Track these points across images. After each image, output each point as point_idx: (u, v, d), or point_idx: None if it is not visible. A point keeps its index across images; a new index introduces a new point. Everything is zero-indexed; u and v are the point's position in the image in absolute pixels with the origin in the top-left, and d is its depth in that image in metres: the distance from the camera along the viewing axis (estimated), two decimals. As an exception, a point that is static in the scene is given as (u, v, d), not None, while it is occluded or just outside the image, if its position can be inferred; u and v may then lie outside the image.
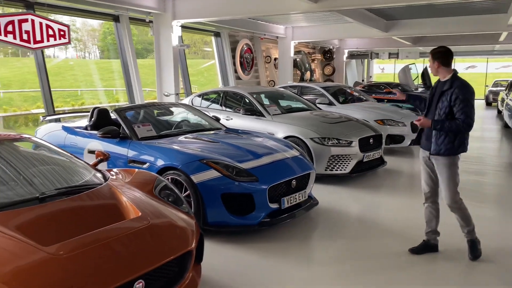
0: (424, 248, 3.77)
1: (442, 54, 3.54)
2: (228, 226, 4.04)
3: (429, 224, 3.78)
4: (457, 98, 3.39)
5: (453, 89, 3.42)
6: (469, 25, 13.08)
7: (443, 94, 3.48)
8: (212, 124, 5.68)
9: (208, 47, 23.62)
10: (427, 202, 3.77)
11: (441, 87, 3.53)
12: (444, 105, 3.45)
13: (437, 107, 3.52)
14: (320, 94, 9.44)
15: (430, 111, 3.60)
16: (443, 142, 3.48)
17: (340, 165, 6.06)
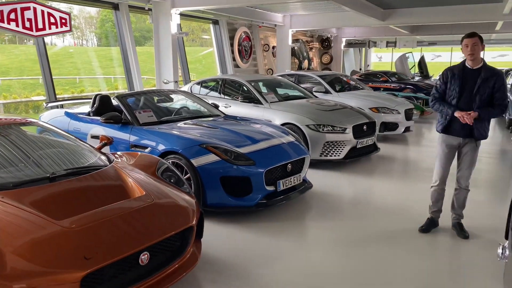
0: (431, 225, 4.01)
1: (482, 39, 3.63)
2: (226, 207, 4.25)
3: (436, 204, 3.98)
4: (502, 84, 3.58)
5: (496, 76, 3.58)
6: (465, 14, 13.19)
7: (485, 81, 3.57)
8: (211, 111, 5.86)
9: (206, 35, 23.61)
10: (439, 185, 3.93)
11: (477, 74, 3.60)
12: (487, 92, 3.58)
13: (476, 94, 3.59)
14: (317, 82, 9.60)
15: (464, 99, 3.64)
16: (485, 126, 3.71)
17: (334, 151, 6.26)
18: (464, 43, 3.65)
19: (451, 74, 3.73)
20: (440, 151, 3.88)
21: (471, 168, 3.82)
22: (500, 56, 33.97)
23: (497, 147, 8.39)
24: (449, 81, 3.74)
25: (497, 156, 7.58)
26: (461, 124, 3.66)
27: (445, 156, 3.85)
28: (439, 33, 18.94)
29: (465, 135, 3.71)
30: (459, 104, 3.67)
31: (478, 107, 3.60)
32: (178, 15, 9.90)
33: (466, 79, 3.65)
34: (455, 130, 3.74)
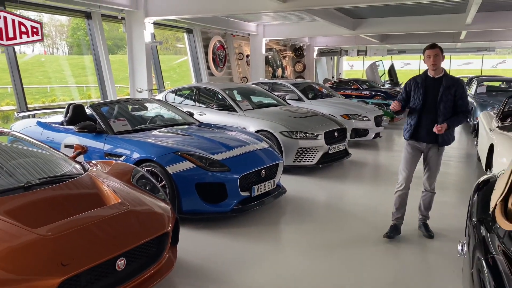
0: (394, 231, 4.06)
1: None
2: (202, 213, 4.32)
3: (400, 210, 4.05)
4: (463, 92, 3.77)
5: (456, 85, 3.77)
6: (431, 24, 13.75)
7: (447, 90, 3.75)
8: (186, 119, 5.92)
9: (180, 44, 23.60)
10: (403, 189, 4.01)
11: (439, 83, 3.78)
12: (449, 99, 3.75)
13: (439, 102, 3.76)
14: (290, 90, 9.80)
15: (428, 107, 3.81)
16: (450, 133, 3.87)
17: (307, 157, 6.42)
18: (426, 54, 3.80)
19: (415, 83, 3.90)
20: (405, 154, 4.02)
21: (436, 172, 3.99)
22: (465, 64, 35.34)
23: (462, 151, 8.75)
24: (413, 90, 3.89)
25: (463, 160, 7.91)
26: (426, 131, 3.83)
27: (410, 159, 3.98)
28: (408, 42, 19.60)
29: (430, 141, 3.87)
30: (424, 111, 3.83)
31: (443, 114, 3.77)
32: (151, 24, 9.94)
33: (429, 88, 3.82)
34: (421, 136, 3.89)
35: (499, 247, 1.99)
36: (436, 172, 4.00)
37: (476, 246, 2.23)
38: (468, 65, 35.06)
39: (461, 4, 11.41)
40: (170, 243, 3.09)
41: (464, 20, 12.15)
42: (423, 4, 11.61)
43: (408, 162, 4.00)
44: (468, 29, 13.73)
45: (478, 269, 1.90)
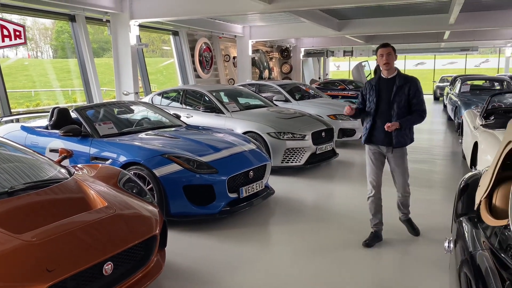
0: (374, 238, 3.94)
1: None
2: (190, 216, 4.30)
3: (376, 216, 3.94)
4: (417, 90, 3.67)
5: (410, 83, 3.68)
6: (415, 24, 13.92)
7: (400, 89, 3.66)
8: (172, 121, 5.89)
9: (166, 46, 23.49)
10: (375, 195, 3.91)
11: (392, 83, 3.70)
12: (403, 99, 3.66)
13: (393, 102, 3.67)
14: (277, 91, 9.82)
15: (382, 108, 3.73)
16: (406, 134, 3.72)
17: (295, 158, 6.44)
18: (379, 53, 3.71)
19: (369, 86, 3.83)
20: (368, 161, 3.93)
21: (403, 175, 3.84)
22: (449, 63, 35.86)
23: (448, 149, 8.87)
24: (368, 93, 3.83)
25: (448, 158, 8.02)
26: (382, 133, 3.72)
27: (373, 165, 3.87)
28: (392, 42, 19.47)
29: (387, 143, 3.75)
30: (378, 113, 3.74)
31: (397, 114, 3.67)
32: (137, 27, 9.88)
33: (382, 88, 3.73)
34: (378, 139, 3.78)
35: (485, 243, 2.01)
36: (403, 175, 3.84)
37: (462, 242, 2.26)
38: (452, 65, 35.58)
39: (444, 5, 11.58)
40: (158, 246, 3.06)
41: (447, 20, 12.32)
42: (406, 5, 11.74)
43: (372, 169, 3.89)
44: (452, 29, 13.94)
45: (464, 266, 1.92)
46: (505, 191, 2.35)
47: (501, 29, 17.33)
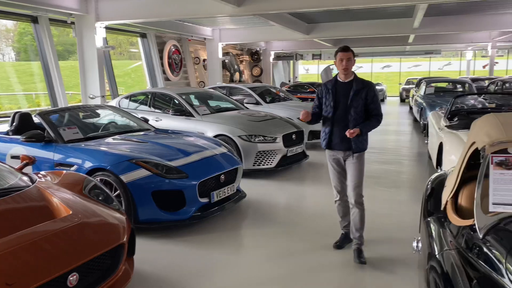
0: (345, 240, 3.91)
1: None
2: (159, 222, 4.20)
3: (344, 218, 3.89)
4: (374, 95, 3.59)
5: (367, 88, 3.58)
6: (381, 28, 14.25)
7: (358, 93, 3.55)
8: (140, 125, 5.77)
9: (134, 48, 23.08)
10: (341, 199, 3.85)
11: (349, 87, 3.58)
12: (360, 104, 3.55)
13: (350, 107, 3.55)
14: (247, 94, 9.82)
15: (339, 114, 3.59)
16: (364, 139, 3.63)
17: (266, 160, 6.44)
18: (339, 57, 3.58)
19: (325, 89, 3.68)
20: (329, 167, 3.83)
21: (358, 183, 3.66)
22: (414, 66, 36.95)
23: (414, 150, 9.10)
24: (324, 97, 3.67)
25: (415, 158, 8.22)
26: (340, 138, 3.62)
27: (335, 170, 3.79)
28: (359, 46, 20.21)
29: (345, 148, 3.64)
30: (335, 117, 3.61)
31: (355, 119, 3.57)
32: (103, 29, 9.64)
33: (339, 92, 3.61)
34: (336, 144, 3.66)
35: (451, 242, 2.05)
36: (359, 182, 3.67)
37: (430, 242, 2.30)
38: (417, 67, 36.68)
39: (409, 9, 11.91)
40: (126, 255, 2.97)
41: (412, 24, 12.68)
42: (373, 9, 12.00)
43: (335, 174, 3.80)
44: (416, 33, 14.35)
45: (432, 265, 1.95)
46: (470, 191, 2.41)
47: (462, 33, 18.01)
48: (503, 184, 1.83)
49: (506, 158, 1.86)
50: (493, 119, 2.14)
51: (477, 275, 1.64)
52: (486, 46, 20.59)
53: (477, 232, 1.81)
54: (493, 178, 1.85)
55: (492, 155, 1.91)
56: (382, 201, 5.26)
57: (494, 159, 1.89)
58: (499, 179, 1.84)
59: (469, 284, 1.60)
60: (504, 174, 1.84)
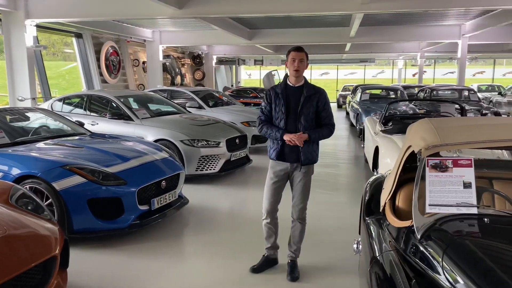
0: (265, 264, 3.56)
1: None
2: (96, 232, 3.98)
3: (268, 240, 3.54)
4: (326, 102, 3.32)
5: (319, 93, 3.31)
6: (319, 36, 14.74)
7: (309, 100, 3.27)
8: (75, 129, 5.45)
9: (69, 49, 21.96)
10: (269, 218, 3.46)
11: (299, 93, 3.29)
12: (311, 111, 3.27)
13: (300, 114, 3.26)
14: (190, 98, 9.67)
15: (289, 121, 3.28)
16: (314, 149, 3.34)
17: (209, 165, 6.35)
18: (291, 57, 3.27)
19: (274, 94, 3.34)
20: (267, 179, 3.44)
21: (304, 198, 3.40)
22: (350, 74, 38.65)
23: (351, 154, 9.45)
24: (273, 102, 3.34)
25: (352, 162, 8.53)
26: (290, 148, 3.28)
27: (272, 186, 3.39)
28: (300, 52, 20.71)
29: (294, 160, 3.31)
30: (287, 126, 3.28)
31: (305, 128, 3.25)
32: (34, 27, 9.05)
33: (290, 98, 3.29)
34: (286, 155, 3.32)
35: (391, 243, 2.12)
36: (305, 198, 3.40)
37: (370, 244, 2.36)
38: (353, 75, 38.38)
39: (346, 18, 12.41)
40: (58, 268, 2.76)
41: (349, 33, 13.22)
42: (312, 17, 12.37)
43: (273, 191, 3.40)
44: (352, 42, 15.01)
45: (374, 267, 2.00)
46: (407, 193, 2.52)
47: (394, 43, 19.11)
48: (438, 186, 1.92)
49: (440, 161, 1.96)
50: (427, 124, 2.25)
51: (416, 275, 1.70)
52: (415, 56, 22.00)
53: (415, 233, 1.88)
54: (429, 180, 1.94)
55: (427, 158, 2.00)
56: (322, 204, 5.37)
57: (430, 162, 1.98)
58: (434, 181, 1.93)
59: (408, 284, 1.66)
60: (439, 177, 1.93)
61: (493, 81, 28.10)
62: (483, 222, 1.89)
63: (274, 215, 3.48)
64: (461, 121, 2.62)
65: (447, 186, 1.91)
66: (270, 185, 3.42)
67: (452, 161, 1.94)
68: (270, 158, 3.43)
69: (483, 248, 1.69)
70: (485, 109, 10.95)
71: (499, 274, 1.51)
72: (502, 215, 1.91)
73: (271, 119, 3.38)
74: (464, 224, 1.90)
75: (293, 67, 3.26)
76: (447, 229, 1.86)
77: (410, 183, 2.58)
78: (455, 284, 1.54)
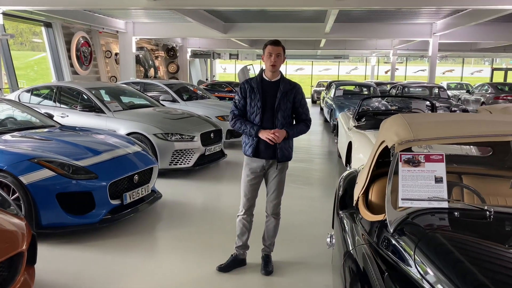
0: (233, 263, 3.48)
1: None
2: (65, 227, 3.87)
3: (241, 238, 3.44)
4: (302, 98, 3.27)
5: (296, 89, 3.24)
6: (295, 31, 14.79)
7: (285, 95, 3.19)
8: (44, 122, 5.28)
9: (38, 38, 21.24)
10: (246, 214, 3.40)
11: (276, 88, 3.20)
12: (288, 107, 3.20)
13: (277, 110, 3.18)
14: (163, 91, 9.53)
15: (266, 117, 3.19)
16: (290, 145, 3.29)
17: (183, 159, 6.28)
18: (267, 51, 3.16)
19: (250, 87, 3.22)
20: (243, 176, 3.37)
21: (279, 194, 3.37)
22: (324, 70, 39.00)
23: (325, 149, 9.55)
24: (249, 96, 3.22)
25: (325, 157, 8.63)
26: (265, 145, 3.19)
27: (249, 182, 3.33)
28: (275, 48, 20.74)
29: (269, 156, 3.24)
30: (263, 122, 3.19)
31: (282, 124, 3.19)
32: (0, 15, 8.68)
33: (266, 93, 3.19)
34: (262, 151, 3.23)
35: (364, 237, 2.15)
36: (280, 193, 3.37)
37: (344, 237, 2.39)
38: (327, 71, 38.75)
39: (321, 14, 12.49)
40: (25, 264, 2.67)
41: (324, 29, 13.32)
42: (288, 12, 12.39)
43: (250, 187, 3.34)
44: (327, 38, 15.12)
45: (347, 260, 2.02)
46: (380, 188, 2.55)
47: (368, 40, 19.41)
48: (411, 180, 1.95)
49: (413, 156, 1.99)
50: (400, 120, 2.29)
51: (389, 268, 1.73)
52: (388, 53, 22.40)
53: (388, 227, 1.91)
54: (401, 175, 1.97)
55: (400, 153, 2.03)
56: (296, 198, 5.41)
57: (403, 157, 2.01)
58: (407, 175, 1.96)
59: (381, 277, 1.68)
60: (411, 171, 1.96)
61: (462, 80, 28.98)
62: (453, 216, 1.94)
63: (252, 210, 3.44)
64: (432, 117, 2.68)
65: (419, 181, 1.94)
66: (246, 182, 3.35)
67: (424, 156, 1.98)
68: (245, 155, 3.34)
69: (453, 241, 1.74)
70: (454, 106, 11.27)
71: (468, 266, 1.55)
72: (471, 209, 1.96)
73: (245, 113, 3.28)
74: (435, 218, 1.94)
75: (269, 61, 3.16)
76: (419, 223, 1.90)
77: (383, 177, 2.62)
78: (426, 276, 1.58)
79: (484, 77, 34.18)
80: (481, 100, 15.50)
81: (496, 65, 32.22)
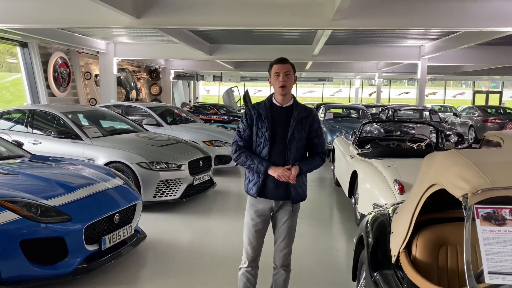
0: None
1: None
2: (31, 280, 3.21)
3: None
4: (319, 127, 2.80)
5: (312, 115, 2.76)
6: (281, 53, 14.27)
7: (300, 123, 2.70)
8: (11, 151, 4.64)
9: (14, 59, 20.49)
10: (250, 267, 2.86)
11: (289, 115, 2.71)
12: (303, 137, 2.71)
13: (290, 141, 2.68)
14: (147, 114, 8.97)
15: (276, 149, 2.68)
16: (303, 183, 2.79)
17: (170, 191, 5.68)
18: (274, 71, 2.69)
19: (256, 114, 2.72)
20: (247, 220, 2.82)
21: (290, 242, 2.84)
22: (309, 92, 39.00)
23: (316, 175, 9.04)
24: (255, 124, 2.72)
25: (319, 184, 8.10)
26: (275, 183, 2.68)
27: (254, 227, 2.79)
28: (259, 70, 20.54)
29: (280, 196, 2.72)
30: (272, 154, 2.69)
31: (294, 158, 2.68)
32: (-31, 32, 8.05)
33: (276, 121, 2.70)
34: (271, 190, 2.71)
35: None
36: (291, 241, 2.84)
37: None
38: (311, 93, 38.75)
39: (307, 36, 12.24)
40: None
41: (312, 51, 13.05)
42: (273, 34, 12.09)
43: (255, 234, 2.79)
44: (314, 60, 14.88)
45: None
46: (426, 240, 2.05)
47: (352, 62, 19.32)
48: (497, 245, 1.44)
49: (494, 210, 1.49)
50: (460, 159, 1.79)
51: None
52: (373, 76, 22.40)
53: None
54: (483, 238, 1.45)
55: (476, 206, 1.52)
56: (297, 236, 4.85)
57: (480, 211, 1.50)
58: (490, 238, 1.45)
59: None
60: (495, 232, 1.45)
61: (445, 102, 29.25)
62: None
63: (257, 261, 2.87)
64: (495, 155, 2.20)
65: (508, 246, 1.43)
66: (251, 228, 2.79)
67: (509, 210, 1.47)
68: (249, 194, 2.79)
69: None
70: (447, 130, 10.99)
71: None
72: None
73: (251, 145, 2.75)
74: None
75: (278, 82, 2.66)
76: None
77: (428, 227, 2.13)
78: None
79: (466, 100, 34.68)
80: (469, 123, 15.37)
81: (476, 87, 32.80)
